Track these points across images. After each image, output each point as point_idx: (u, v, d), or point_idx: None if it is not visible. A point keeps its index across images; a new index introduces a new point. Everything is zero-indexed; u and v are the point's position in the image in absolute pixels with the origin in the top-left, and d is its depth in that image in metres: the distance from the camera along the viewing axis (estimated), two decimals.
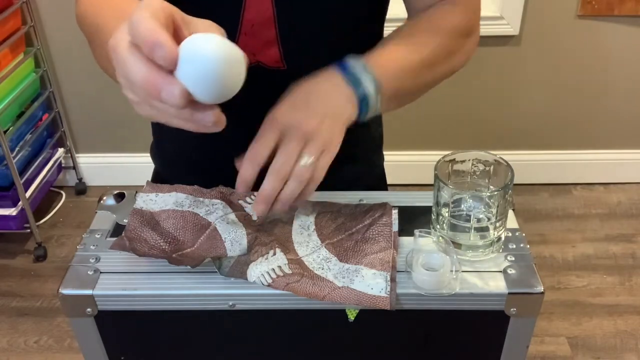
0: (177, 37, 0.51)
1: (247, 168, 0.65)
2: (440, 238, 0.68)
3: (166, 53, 0.46)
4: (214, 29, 0.52)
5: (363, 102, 0.69)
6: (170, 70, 0.48)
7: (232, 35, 0.78)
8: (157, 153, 1.00)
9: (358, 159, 0.94)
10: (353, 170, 0.91)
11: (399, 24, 0.82)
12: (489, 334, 0.69)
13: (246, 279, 0.65)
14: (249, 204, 0.74)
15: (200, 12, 0.79)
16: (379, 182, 1.03)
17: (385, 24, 0.90)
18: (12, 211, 1.97)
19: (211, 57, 0.46)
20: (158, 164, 1.01)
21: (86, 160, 2.35)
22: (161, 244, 0.68)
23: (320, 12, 0.79)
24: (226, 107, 0.83)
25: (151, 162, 1.03)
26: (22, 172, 2.00)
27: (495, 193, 0.66)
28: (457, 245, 0.68)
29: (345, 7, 0.80)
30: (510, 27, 2.04)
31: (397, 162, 2.29)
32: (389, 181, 1.07)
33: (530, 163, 2.31)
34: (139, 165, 1.03)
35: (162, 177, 1.00)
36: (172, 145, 0.96)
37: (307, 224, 0.71)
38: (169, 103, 0.48)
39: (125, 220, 0.74)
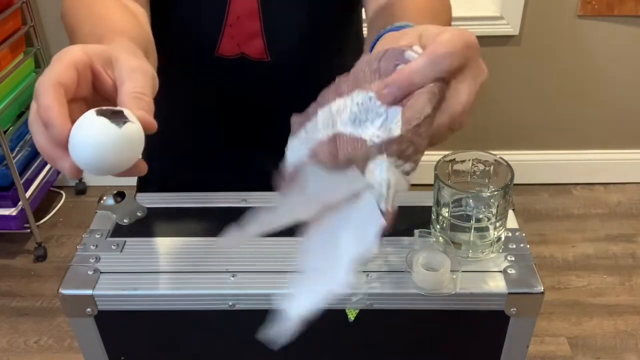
0: (100, 82, 0.53)
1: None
2: (440, 238, 0.68)
3: (55, 133, 0.48)
4: (137, 73, 0.53)
5: None
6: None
7: (218, 26, 0.80)
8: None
9: None
10: None
11: None
12: (489, 334, 0.69)
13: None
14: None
15: (188, 4, 0.80)
16: None
17: None
18: (12, 211, 1.97)
19: (93, 144, 0.48)
20: (144, 153, 1.02)
21: None
22: None
23: (304, 5, 0.81)
24: (213, 96, 0.84)
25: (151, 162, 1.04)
26: (22, 172, 2.00)
27: (495, 193, 0.66)
28: (457, 245, 0.68)
29: (328, 0, 0.82)
30: (510, 27, 2.04)
31: None
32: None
33: (530, 163, 2.31)
34: None
35: (150, 165, 1.00)
36: (159, 136, 0.97)
37: None
38: (63, 172, 0.51)
39: (126, 221, 0.74)
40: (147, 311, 0.66)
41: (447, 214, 0.68)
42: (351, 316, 0.66)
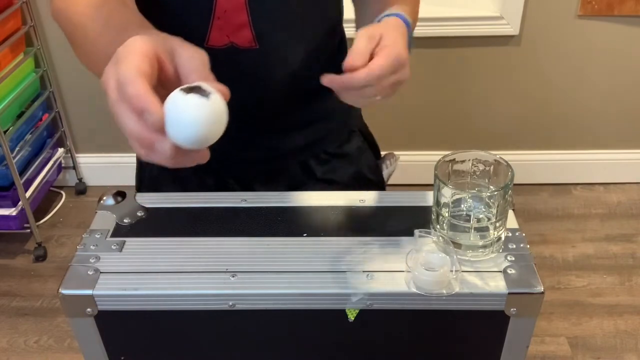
0: (163, 72, 0.55)
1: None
2: (440, 238, 0.68)
3: (154, 119, 0.50)
4: (196, 60, 0.56)
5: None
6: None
7: (206, 20, 0.81)
8: None
9: (331, 117, 0.98)
10: (326, 127, 0.97)
11: None
12: (489, 334, 0.69)
13: None
14: None
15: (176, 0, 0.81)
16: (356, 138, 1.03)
17: None
18: (12, 211, 1.97)
19: (193, 121, 0.51)
20: None
21: (86, 160, 2.35)
22: None
23: None
24: None
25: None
26: (22, 172, 2.00)
27: (495, 193, 0.66)
28: (457, 245, 0.68)
29: None
30: (510, 27, 2.04)
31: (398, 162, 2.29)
32: (388, 181, 1.08)
33: (530, 163, 2.31)
34: None
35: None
36: None
37: None
38: (161, 156, 0.53)
39: (126, 221, 0.74)
40: (147, 311, 0.66)
41: (447, 214, 0.68)
42: (351, 316, 0.66)
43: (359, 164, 1.01)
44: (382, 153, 1.10)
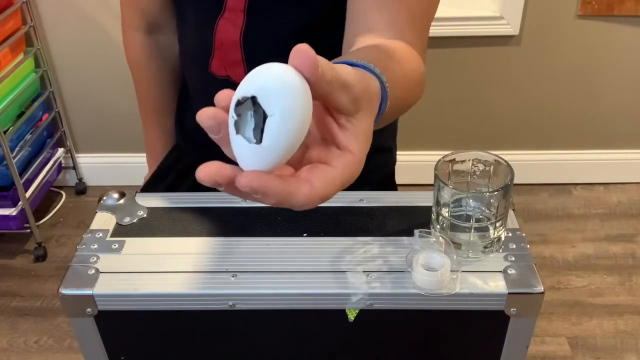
0: None
1: None
2: (440, 238, 0.68)
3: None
4: None
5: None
6: None
7: (210, 46, 0.83)
8: (178, 127, 1.05)
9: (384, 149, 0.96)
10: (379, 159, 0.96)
11: None
12: (489, 334, 0.69)
13: None
14: None
15: (190, 21, 0.82)
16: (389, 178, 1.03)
17: None
18: (12, 211, 1.97)
19: None
20: (179, 138, 1.05)
21: (86, 160, 2.35)
22: None
23: (285, 38, 0.79)
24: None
25: None
26: (22, 172, 2.00)
27: (495, 193, 0.66)
28: (457, 245, 0.68)
29: (308, 32, 0.80)
30: (510, 27, 2.04)
31: (397, 162, 2.29)
32: None
33: (530, 163, 2.31)
34: (139, 165, 1.04)
35: (182, 151, 1.04)
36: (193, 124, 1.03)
37: None
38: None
39: (126, 221, 0.74)
40: (147, 311, 0.66)
41: (447, 214, 0.68)
42: (351, 316, 0.66)
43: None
44: None
